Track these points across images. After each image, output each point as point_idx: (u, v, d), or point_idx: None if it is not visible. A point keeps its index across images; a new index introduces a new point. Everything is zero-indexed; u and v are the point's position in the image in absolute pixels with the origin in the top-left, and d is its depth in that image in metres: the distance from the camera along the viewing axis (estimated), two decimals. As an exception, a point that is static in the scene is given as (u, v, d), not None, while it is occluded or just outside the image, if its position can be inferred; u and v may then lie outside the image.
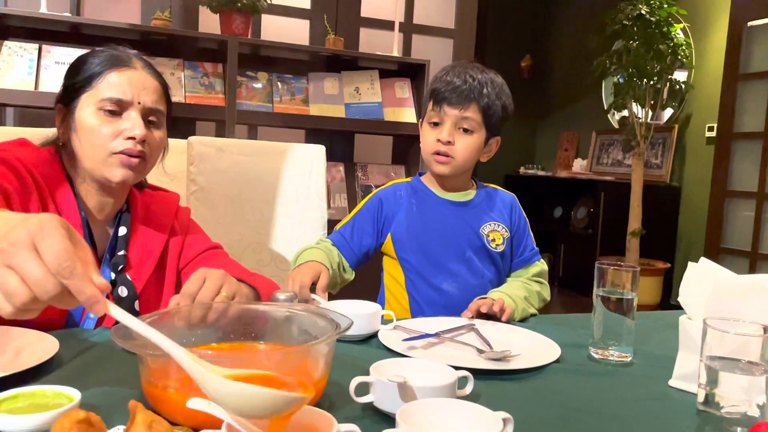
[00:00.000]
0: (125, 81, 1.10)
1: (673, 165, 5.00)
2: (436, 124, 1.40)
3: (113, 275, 1.14)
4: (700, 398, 0.83)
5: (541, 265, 1.49)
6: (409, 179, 1.53)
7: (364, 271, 1.53)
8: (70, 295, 0.61)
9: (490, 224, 1.45)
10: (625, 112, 4.62)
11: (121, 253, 1.16)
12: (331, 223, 2.09)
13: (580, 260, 5.31)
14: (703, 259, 0.98)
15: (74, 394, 0.72)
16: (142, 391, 0.74)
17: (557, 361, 1.00)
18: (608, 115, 5.55)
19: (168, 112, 1.19)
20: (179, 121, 2.92)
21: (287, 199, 1.91)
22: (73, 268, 0.60)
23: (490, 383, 0.89)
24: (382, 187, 1.54)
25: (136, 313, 1.14)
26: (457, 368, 0.81)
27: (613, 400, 0.88)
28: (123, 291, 1.14)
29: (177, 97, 2.76)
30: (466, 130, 1.38)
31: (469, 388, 0.81)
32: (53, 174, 1.09)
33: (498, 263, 1.45)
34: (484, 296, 1.30)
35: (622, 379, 0.96)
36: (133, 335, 0.71)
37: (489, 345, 1.04)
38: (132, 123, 1.09)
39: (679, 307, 0.99)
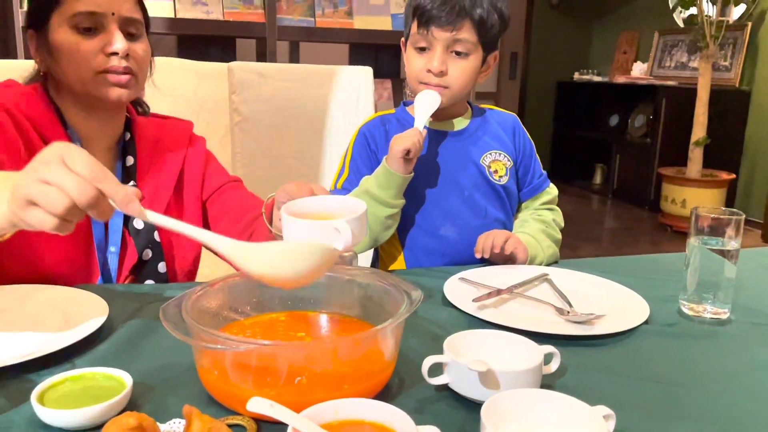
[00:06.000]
0: None
1: (743, 68, 4.62)
2: (423, 49, 1.17)
3: None
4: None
5: (552, 191, 1.33)
6: (393, 111, 1.31)
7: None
8: (105, 200, 0.65)
9: (491, 153, 1.25)
10: (693, 10, 4.22)
11: (131, 184, 1.08)
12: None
13: (636, 171, 5.08)
14: None
15: (125, 379, 0.66)
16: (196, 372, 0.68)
17: (646, 321, 0.90)
18: (674, 14, 5.11)
19: (145, 20, 1.07)
20: (219, 40, 2.79)
21: (334, 127, 1.80)
22: (105, 174, 0.64)
23: (573, 351, 0.80)
24: (366, 121, 1.31)
25: (158, 245, 1.08)
26: (537, 335, 0.72)
27: (716, 372, 0.78)
28: (139, 223, 1.07)
29: (215, 14, 2.61)
30: (459, 53, 1.15)
31: (555, 365, 0.72)
32: (38, 110, 1.01)
33: (503, 198, 1.26)
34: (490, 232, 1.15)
35: (720, 344, 0.86)
36: (184, 319, 0.64)
37: (568, 302, 0.94)
38: (111, 37, 0.99)
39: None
